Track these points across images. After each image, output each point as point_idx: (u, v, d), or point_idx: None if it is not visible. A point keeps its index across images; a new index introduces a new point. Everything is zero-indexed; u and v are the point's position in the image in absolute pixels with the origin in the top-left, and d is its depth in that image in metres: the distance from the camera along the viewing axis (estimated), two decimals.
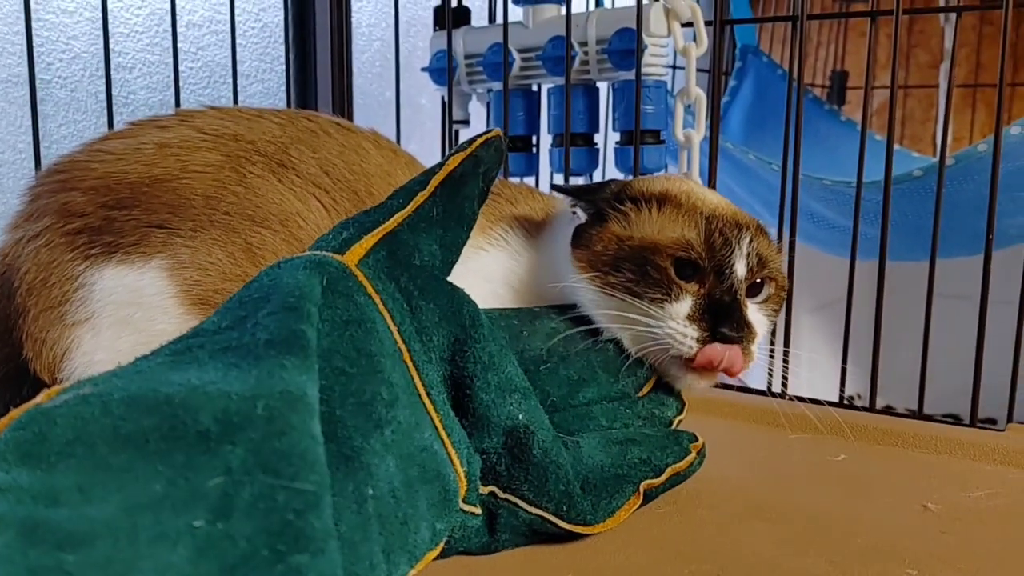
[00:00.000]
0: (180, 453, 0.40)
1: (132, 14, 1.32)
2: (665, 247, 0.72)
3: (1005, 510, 0.70)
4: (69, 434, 0.40)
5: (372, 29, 1.66)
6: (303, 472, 0.40)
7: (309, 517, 0.39)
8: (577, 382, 0.71)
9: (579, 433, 0.68)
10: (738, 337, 0.70)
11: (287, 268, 0.54)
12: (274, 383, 0.44)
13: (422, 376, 0.57)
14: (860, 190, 1.00)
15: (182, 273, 0.73)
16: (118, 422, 0.41)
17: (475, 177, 0.65)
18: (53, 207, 0.74)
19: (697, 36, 1.10)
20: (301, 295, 0.51)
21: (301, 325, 0.48)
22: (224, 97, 1.42)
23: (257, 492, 0.39)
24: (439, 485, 0.54)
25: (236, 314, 0.51)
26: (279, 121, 0.82)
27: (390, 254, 0.60)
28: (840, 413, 0.90)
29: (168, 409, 0.42)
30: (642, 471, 0.66)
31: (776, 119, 1.09)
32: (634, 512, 0.65)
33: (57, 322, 0.73)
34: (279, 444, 0.41)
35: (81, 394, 0.43)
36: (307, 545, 0.38)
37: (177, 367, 0.46)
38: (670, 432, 0.72)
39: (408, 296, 0.59)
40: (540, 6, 1.24)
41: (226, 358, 0.46)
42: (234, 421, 0.41)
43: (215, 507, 0.39)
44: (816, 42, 2.36)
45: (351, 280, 0.55)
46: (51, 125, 1.23)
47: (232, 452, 0.40)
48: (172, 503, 0.39)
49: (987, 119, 2.40)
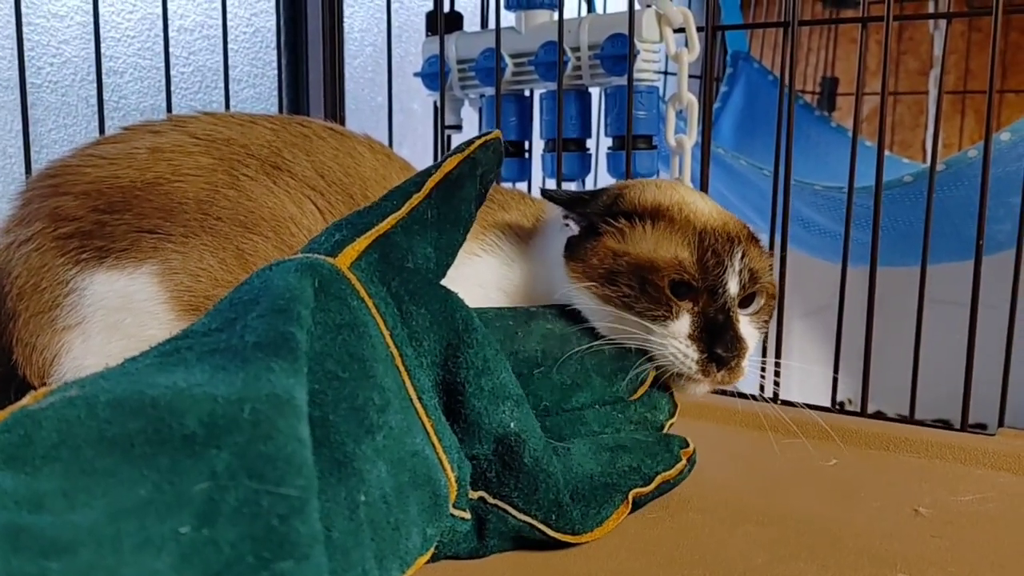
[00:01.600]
0: (165, 457, 0.40)
1: (123, 18, 1.32)
2: (661, 268, 0.72)
3: (996, 514, 0.71)
4: (54, 437, 0.40)
5: (364, 34, 1.66)
6: (288, 476, 0.40)
7: (294, 522, 0.38)
8: (570, 387, 0.71)
9: (570, 439, 0.68)
10: (732, 357, 0.71)
11: (278, 270, 0.53)
12: (261, 386, 0.43)
13: (414, 381, 0.57)
14: (851, 195, 1.01)
15: (173, 279, 0.73)
16: (103, 425, 0.41)
17: (472, 179, 0.64)
18: (44, 211, 0.74)
19: (689, 42, 1.10)
20: (291, 297, 0.50)
21: (290, 327, 0.48)
22: (216, 102, 1.41)
23: (242, 497, 0.39)
24: (430, 490, 0.54)
25: (226, 316, 0.50)
26: (272, 126, 0.82)
27: (383, 257, 0.59)
28: (831, 418, 0.90)
29: (153, 412, 0.41)
30: (631, 479, 0.66)
31: (767, 125, 1.10)
32: (623, 518, 0.65)
33: (47, 327, 0.72)
34: (264, 448, 0.41)
35: (67, 396, 0.42)
36: (292, 551, 0.38)
37: (164, 369, 0.46)
38: (661, 437, 0.72)
39: (399, 301, 0.59)
40: (532, 11, 1.24)
41: (213, 360, 0.46)
42: (220, 424, 0.41)
43: (200, 512, 0.38)
44: (807, 48, 2.36)
45: (344, 283, 0.55)
46: (42, 130, 1.23)
47: (217, 456, 0.40)
48: (157, 509, 0.38)
49: (976, 125, 2.41)
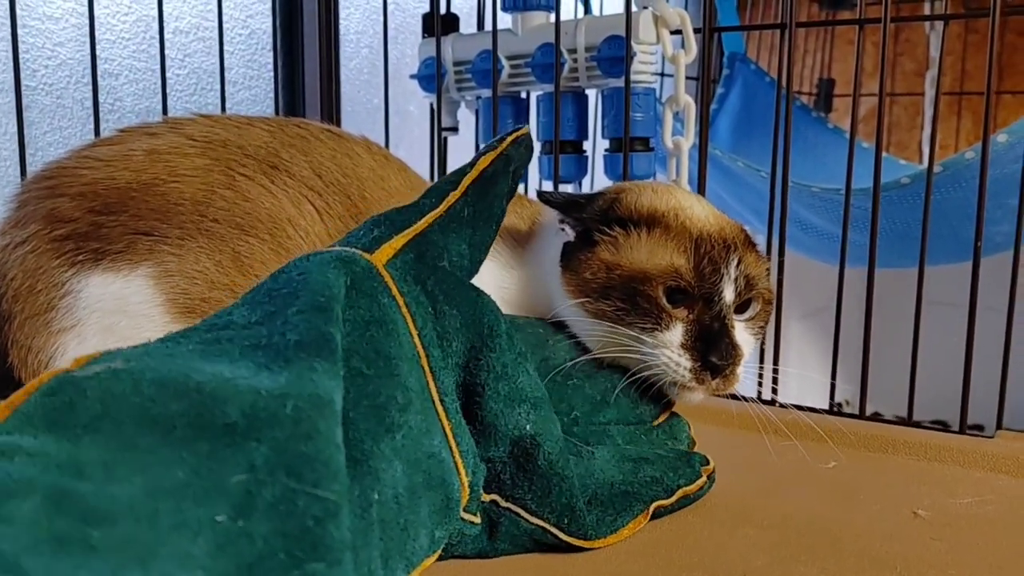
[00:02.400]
0: (205, 443, 0.40)
1: (119, 20, 1.31)
2: (655, 276, 0.72)
3: (995, 516, 0.70)
4: (98, 407, 0.40)
5: (360, 36, 1.66)
6: (325, 480, 0.40)
7: (328, 526, 0.39)
8: (600, 403, 0.72)
9: (595, 446, 0.68)
10: (727, 365, 0.71)
11: (315, 262, 0.53)
12: (304, 385, 0.44)
13: (438, 382, 0.57)
14: (849, 197, 1.01)
15: (169, 281, 0.73)
16: (147, 403, 0.41)
17: (505, 175, 0.65)
18: (41, 213, 0.74)
19: (686, 43, 1.10)
20: (330, 295, 0.50)
21: (330, 327, 0.48)
22: (212, 104, 1.41)
23: (279, 494, 0.39)
24: (442, 493, 0.54)
25: (265, 309, 0.50)
26: (269, 128, 0.81)
27: (419, 256, 0.59)
28: (830, 420, 0.90)
29: (197, 397, 0.42)
30: (653, 490, 0.66)
31: (764, 126, 1.10)
32: (640, 528, 0.65)
33: (43, 329, 0.72)
34: (304, 448, 0.41)
35: (112, 368, 0.42)
36: (324, 554, 0.38)
37: (207, 357, 0.46)
38: (683, 453, 0.72)
39: (434, 300, 0.59)
40: (529, 13, 1.24)
41: (256, 357, 0.46)
42: (261, 417, 0.41)
43: (237, 504, 0.38)
44: (803, 50, 2.37)
45: (376, 280, 0.55)
46: (36, 132, 1.22)
47: (257, 449, 0.40)
48: (195, 493, 0.38)
49: (972, 126, 2.42)
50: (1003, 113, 2.32)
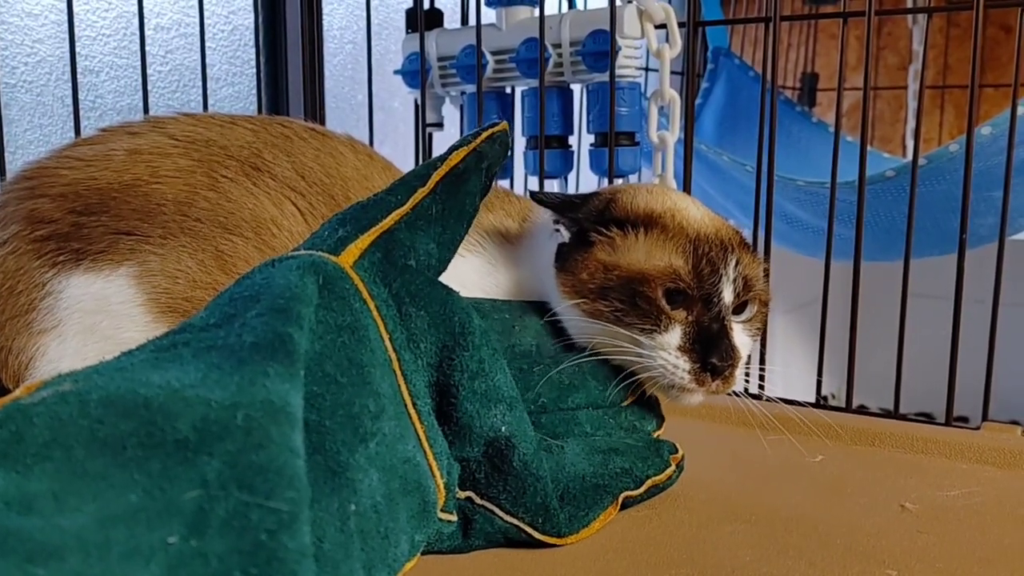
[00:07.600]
0: (157, 461, 0.39)
1: (99, 17, 1.30)
2: (654, 277, 0.71)
3: (982, 508, 0.71)
4: (46, 435, 0.39)
5: (344, 32, 1.65)
6: (279, 489, 0.39)
7: (282, 538, 0.38)
8: (568, 387, 0.71)
9: (564, 438, 0.68)
10: (727, 366, 0.71)
11: (281, 267, 0.52)
12: (256, 391, 0.42)
13: (410, 386, 0.56)
14: (834, 191, 1.01)
15: (150, 281, 0.72)
16: (95, 425, 0.40)
17: (477, 173, 0.63)
18: (21, 214, 0.73)
19: (670, 38, 1.10)
20: (291, 296, 0.49)
21: (288, 328, 0.47)
22: (194, 101, 1.40)
23: (232, 509, 0.38)
24: (419, 496, 0.53)
25: (225, 311, 0.49)
26: (252, 127, 0.81)
27: (385, 255, 0.58)
28: (816, 414, 0.90)
29: (146, 413, 0.41)
30: (623, 482, 0.66)
31: (749, 121, 1.10)
32: (610, 520, 0.65)
33: (24, 330, 0.71)
34: (256, 458, 0.40)
35: (60, 391, 0.41)
36: (279, 568, 0.37)
37: (159, 366, 0.45)
38: (652, 442, 0.72)
39: (399, 302, 0.58)
40: (513, 8, 1.24)
41: (209, 358, 0.45)
42: (212, 430, 0.40)
43: (190, 522, 0.37)
44: (787, 44, 2.37)
45: (347, 283, 0.54)
46: (16, 130, 1.21)
47: (209, 464, 0.39)
48: (147, 516, 0.37)
49: (955, 120, 2.43)
50: (985, 106, 2.33)
